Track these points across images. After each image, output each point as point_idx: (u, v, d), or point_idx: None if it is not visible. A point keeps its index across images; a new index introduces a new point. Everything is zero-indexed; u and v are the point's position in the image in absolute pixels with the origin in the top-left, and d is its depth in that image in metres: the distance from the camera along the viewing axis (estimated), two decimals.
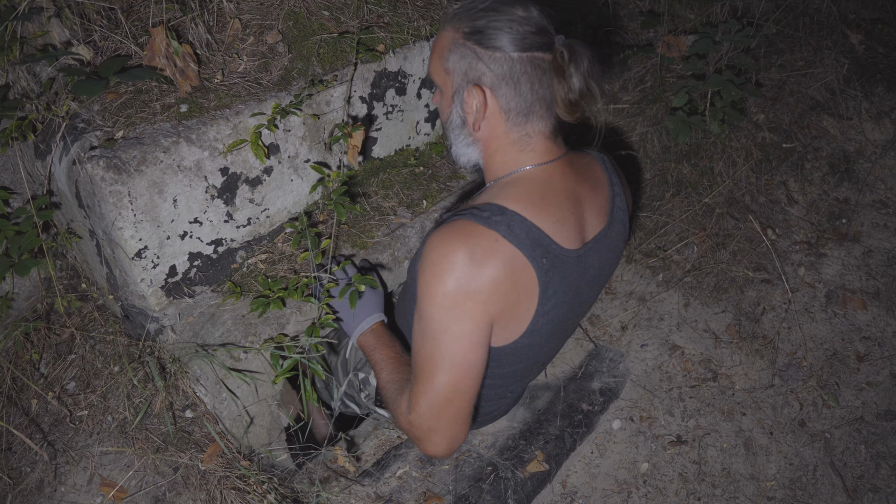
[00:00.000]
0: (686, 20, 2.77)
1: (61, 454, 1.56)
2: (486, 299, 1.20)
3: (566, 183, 1.33)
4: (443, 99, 1.35)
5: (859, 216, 2.48)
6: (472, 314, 1.21)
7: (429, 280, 1.21)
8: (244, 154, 1.58)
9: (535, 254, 1.23)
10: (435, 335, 1.22)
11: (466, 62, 1.25)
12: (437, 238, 1.21)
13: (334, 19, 1.81)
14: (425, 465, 1.75)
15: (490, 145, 1.33)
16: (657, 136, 2.57)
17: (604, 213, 1.41)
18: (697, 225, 2.42)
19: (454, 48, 1.26)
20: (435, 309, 1.21)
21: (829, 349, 2.15)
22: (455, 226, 1.22)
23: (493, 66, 1.23)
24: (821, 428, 1.97)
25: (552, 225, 1.27)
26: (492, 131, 1.30)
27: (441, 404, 1.26)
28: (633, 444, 1.93)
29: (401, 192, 1.94)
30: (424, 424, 1.28)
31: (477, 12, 1.24)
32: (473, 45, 1.24)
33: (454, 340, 1.22)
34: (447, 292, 1.19)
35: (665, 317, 2.26)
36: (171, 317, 1.59)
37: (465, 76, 1.26)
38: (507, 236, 1.20)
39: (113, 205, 1.39)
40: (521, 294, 1.25)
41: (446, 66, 1.28)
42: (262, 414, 1.65)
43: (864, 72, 2.74)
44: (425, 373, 1.25)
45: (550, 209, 1.28)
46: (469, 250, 1.18)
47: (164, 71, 1.53)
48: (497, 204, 1.25)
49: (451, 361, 1.23)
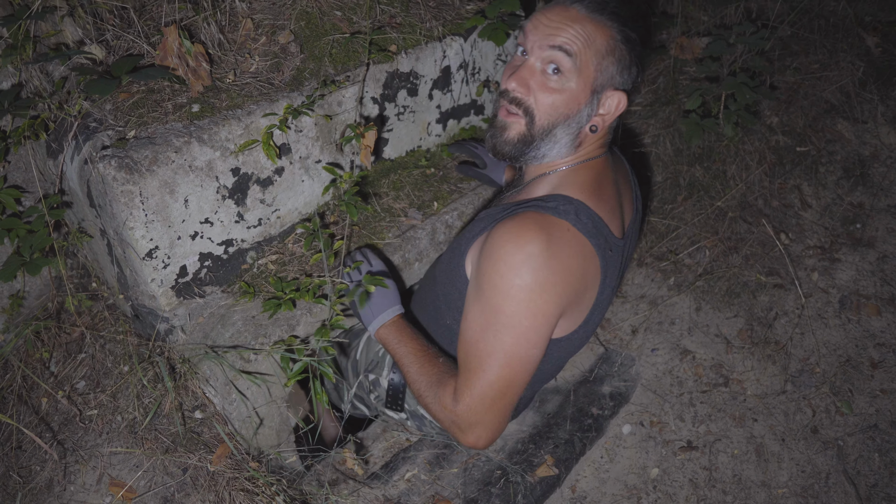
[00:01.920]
0: (699, 22, 2.75)
1: (71, 453, 1.56)
2: (561, 291, 1.19)
3: (611, 173, 1.38)
4: (565, 91, 1.25)
5: (874, 221, 2.46)
6: (545, 308, 1.19)
7: (502, 272, 1.17)
8: (255, 154, 1.57)
9: (599, 242, 1.24)
10: (500, 328, 1.19)
11: (618, 67, 1.26)
12: (508, 230, 1.18)
13: (346, 19, 1.80)
14: (434, 467, 1.74)
15: (584, 141, 1.33)
16: (670, 139, 2.56)
17: (631, 202, 1.46)
18: (710, 229, 2.40)
19: (614, 50, 1.25)
20: (508, 302, 1.18)
21: (843, 355, 2.13)
22: (526, 217, 1.20)
23: (633, 76, 1.29)
24: (834, 435, 1.95)
25: (607, 213, 1.29)
26: (601, 130, 1.33)
27: (493, 398, 1.24)
28: (643, 449, 1.92)
29: (412, 193, 1.93)
30: (472, 417, 1.26)
31: (625, 19, 1.27)
32: (628, 51, 1.26)
33: (521, 335, 1.20)
34: (524, 285, 1.16)
35: (676, 321, 2.24)
36: (181, 317, 1.59)
37: (612, 79, 1.27)
38: (576, 225, 1.21)
39: (124, 204, 1.39)
40: (587, 284, 1.25)
41: (597, 63, 1.24)
42: (272, 415, 1.64)
43: (880, 75, 2.71)
44: (482, 365, 1.23)
45: (606, 198, 1.31)
46: (544, 240, 1.16)
47: (176, 70, 1.53)
48: (562, 194, 1.26)
49: (512, 356, 1.21)
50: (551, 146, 1.30)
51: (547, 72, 1.25)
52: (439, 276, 1.48)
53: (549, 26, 1.24)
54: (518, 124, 1.30)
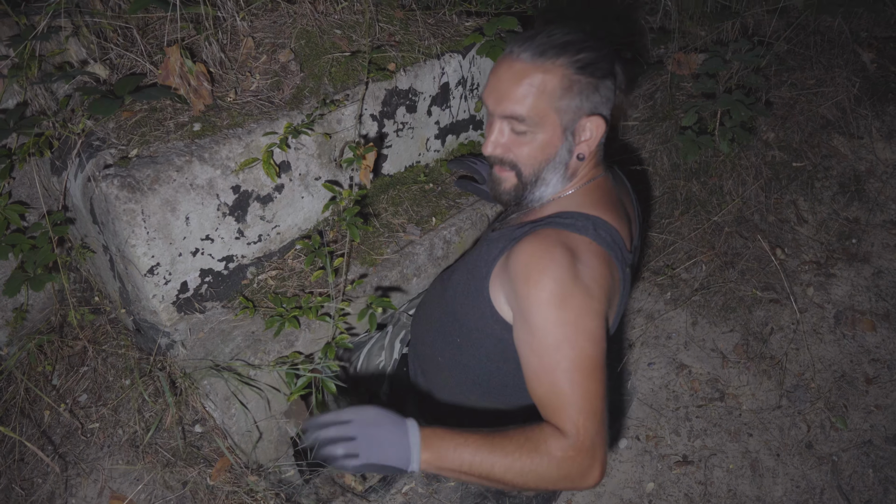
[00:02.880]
0: (697, 38, 2.78)
1: (72, 466, 1.58)
2: (599, 293, 1.18)
3: (618, 189, 1.41)
4: (536, 141, 1.29)
5: (869, 236, 2.48)
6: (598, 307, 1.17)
7: (544, 285, 1.15)
8: (256, 172, 1.60)
9: (617, 255, 1.26)
10: (569, 338, 1.14)
11: (584, 96, 1.26)
12: (534, 249, 1.19)
13: (346, 38, 1.83)
14: (431, 481, 1.76)
15: (579, 169, 1.35)
16: (666, 154, 2.58)
17: (634, 219, 1.49)
18: (706, 243, 2.42)
19: (571, 85, 1.25)
20: (567, 311, 1.14)
21: (838, 371, 2.14)
22: (546, 234, 1.22)
23: (605, 94, 1.29)
24: (828, 450, 1.96)
25: (621, 228, 1.32)
26: (590, 155, 1.34)
27: (602, 412, 1.15)
28: (638, 463, 1.93)
29: (410, 208, 1.95)
30: (591, 438, 1.13)
31: (574, 46, 1.25)
32: (588, 77, 1.25)
33: (591, 336, 1.15)
34: (566, 293, 1.14)
35: (672, 335, 2.26)
36: (181, 332, 1.61)
37: (580, 109, 1.27)
38: (596, 239, 1.23)
39: (126, 223, 1.41)
40: (615, 289, 1.27)
41: (557, 105, 1.26)
42: (271, 429, 1.66)
43: (876, 90, 2.73)
44: (575, 386, 1.13)
45: (617, 213, 1.34)
46: (570, 250, 1.18)
47: (178, 90, 1.56)
48: (577, 211, 1.29)
49: (595, 361, 1.15)
50: (545, 187, 1.34)
51: (514, 131, 1.30)
52: (452, 295, 1.45)
53: (500, 90, 1.27)
54: (510, 178, 1.36)
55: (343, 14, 1.88)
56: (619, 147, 2.67)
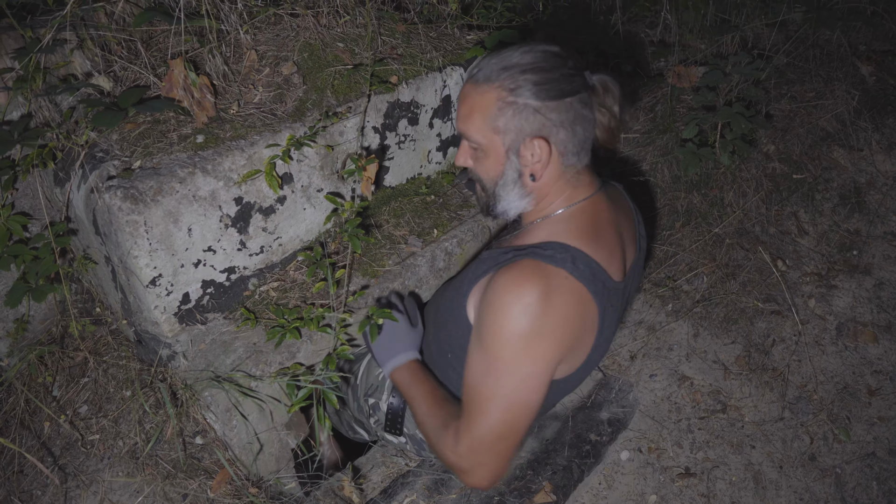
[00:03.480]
0: (696, 51, 2.79)
1: (72, 478, 1.58)
2: (560, 339, 1.22)
3: (609, 214, 1.38)
4: (486, 159, 1.34)
5: (870, 248, 2.48)
6: (544, 356, 1.22)
7: (501, 321, 1.20)
8: (258, 184, 1.60)
9: (596, 288, 1.25)
10: (500, 374, 1.22)
11: (522, 118, 1.26)
12: (506, 279, 1.22)
13: (349, 51, 1.84)
14: (433, 493, 1.75)
15: (544, 190, 1.35)
16: (667, 166, 2.59)
17: (634, 240, 1.46)
18: (707, 255, 2.42)
19: (505, 107, 1.26)
20: (505, 350, 1.21)
21: (840, 383, 2.14)
22: (523, 265, 1.23)
23: (550, 116, 1.26)
24: (831, 463, 1.95)
25: (605, 258, 1.30)
26: (549, 177, 1.33)
27: (493, 441, 1.26)
28: (641, 475, 1.92)
29: (412, 220, 1.96)
30: (473, 458, 1.28)
31: (516, 67, 1.26)
32: (526, 99, 1.25)
33: (520, 382, 1.22)
34: (522, 333, 1.19)
35: (674, 347, 2.25)
36: (183, 343, 1.61)
37: (521, 131, 1.27)
38: (573, 273, 1.22)
39: (129, 234, 1.41)
40: (586, 329, 1.27)
41: (495, 126, 1.28)
42: (272, 441, 1.66)
43: (875, 103, 2.75)
44: (482, 409, 1.26)
45: (604, 242, 1.32)
46: (542, 290, 1.19)
47: (181, 102, 1.57)
48: (558, 242, 1.28)
49: (512, 401, 1.24)
50: (505, 203, 1.38)
51: (471, 148, 1.36)
52: (442, 310, 1.50)
53: (458, 110, 1.36)
54: (478, 189, 1.43)
55: (346, 27, 1.89)
56: (619, 160, 2.68)
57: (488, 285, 1.26)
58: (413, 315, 1.64)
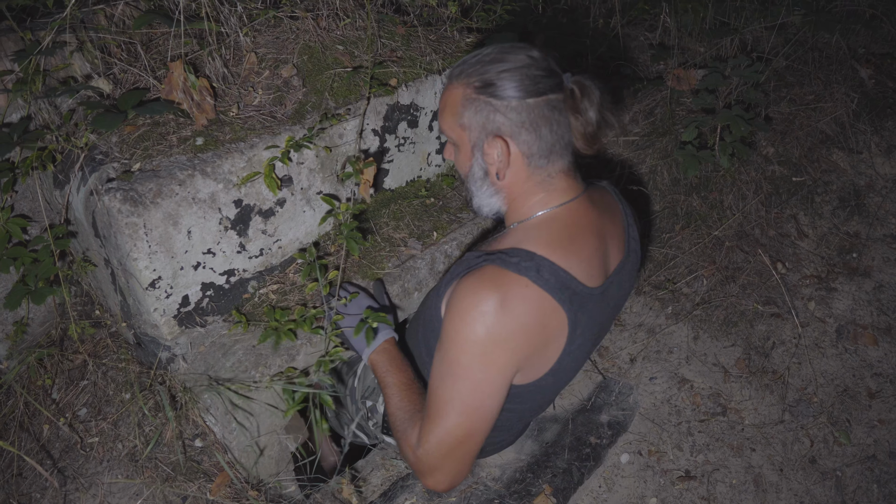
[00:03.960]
0: (696, 54, 2.80)
1: (71, 481, 1.57)
2: (516, 346, 1.22)
3: (590, 219, 1.35)
4: (459, 154, 1.36)
5: (870, 250, 2.48)
6: (498, 362, 1.22)
7: (458, 326, 1.22)
8: (257, 186, 1.60)
9: (563, 296, 1.25)
10: (457, 379, 1.24)
11: (483, 115, 1.26)
12: (467, 285, 1.23)
13: (348, 53, 1.85)
14: (432, 496, 1.74)
15: (514, 191, 1.34)
16: (667, 169, 2.59)
17: (621, 243, 1.44)
18: (707, 258, 2.42)
19: (468, 104, 1.27)
20: (462, 354, 1.22)
21: (840, 385, 2.14)
22: (485, 272, 1.23)
23: (510, 116, 1.25)
24: (832, 465, 1.95)
25: (579, 265, 1.29)
26: (516, 178, 1.32)
27: (451, 445, 1.27)
28: (641, 478, 1.92)
29: (411, 223, 1.96)
30: (431, 461, 1.29)
31: (485, 65, 1.26)
32: (488, 97, 1.25)
33: (476, 386, 1.23)
34: (477, 339, 1.20)
35: (674, 350, 2.25)
36: (182, 346, 1.61)
37: (483, 129, 1.28)
38: (536, 281, 1.22)
39: (128, 236, 1.41)
40: (549, 336, 1.27)
41: (461, 122, 1.30)
42: (271, 444, 1.65)
43: (874, 106, 2.75)
44: (440, 412, 1.27)
45: (577, 249, 1.30)
46: (500, 297, 1.19)
47: (181, 104, 1.57)
48: (525, 249, 1.27)
49: (468, 406, 1.25)
50: (478, 199, 1.39)
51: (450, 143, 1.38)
52: (426, 311, 1.51)
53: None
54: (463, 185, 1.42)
55: (345, 30, 1.90)
56: (619, 162, 2.68)
57: (454, 290, 1.27)
58: (379, 295, 1.67)
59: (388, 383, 1.49)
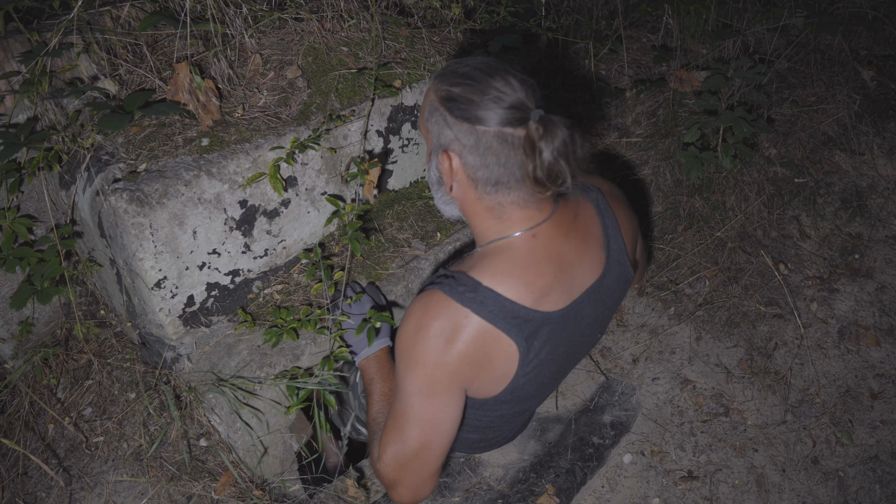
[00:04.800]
0: (698, 55, 2.80)
1: (76, 480, 1.58)
2: (456, 370, 1.24)
3: (550, 247, 1.29)
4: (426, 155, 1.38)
5: (872, 252, 2.48)
6: (441, 382, 1.25)
7: (403, 346, 1.26)
8: (263, 187, 1.61)
9: (509, 325, 1.23)
10: (406, 395, 1.27)
11: (438, 127, 1.25)
12: (417, 307, 1.26)
13: (353, 55, 1.85)
14: (436, 495, 1.75)
15: (466, 207, 1.32)
16: (669, 170, 2.59)
17: (598, 261, 1.37)
18: (709, 259, 2.43)
19: (433, 110, 1.25)
20: (409, 373, 1.26)
21: (843, 386, 2.14)
22: (431, 298, 1.25)
23: (461, 136, 1.21)
24: (834, 466, 1.95)
25: (530, 293, 1.25)
26: (464, 195, 1.29)
27: (408, 457, 1.30)
28: (643, 478, 1.93)
29: (415, 223, 1.97)
30: (390, 474, 1.32)
31: (456, 77, 1.22)
32: (445, 112, 1.22)
33: (425, 401, 1.26)
34: (420, 361, 1.23)
35: (677, 350, 2.26)
36: (187, 346, 1.62)
37: (438, 138, 1.26)
38: (479, 313, 1.22)
39: (134, 236, 1.42)
40: (494, 361, 1.27)
41: (427, 126, 1.29)
42: (276, 444, 1.66)
43: (876, 107, 2.75)
44: (396, 426, 1.30)
45: (530, 278, 1.26)
46: (440, 326, 1.22)
47: (186, 105, 1.58)
48: (473, 279, 1.25)
49: (421, 420, 1.27)
50: (437, 201, 1.39)
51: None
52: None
53: None
54: None
55: (350, 32, 1.90)
56: (622, 164, 2.69)
57: (409, 306, 1.29)
58: (377, 298, 1.68)
59: (371, 391, 1.51)
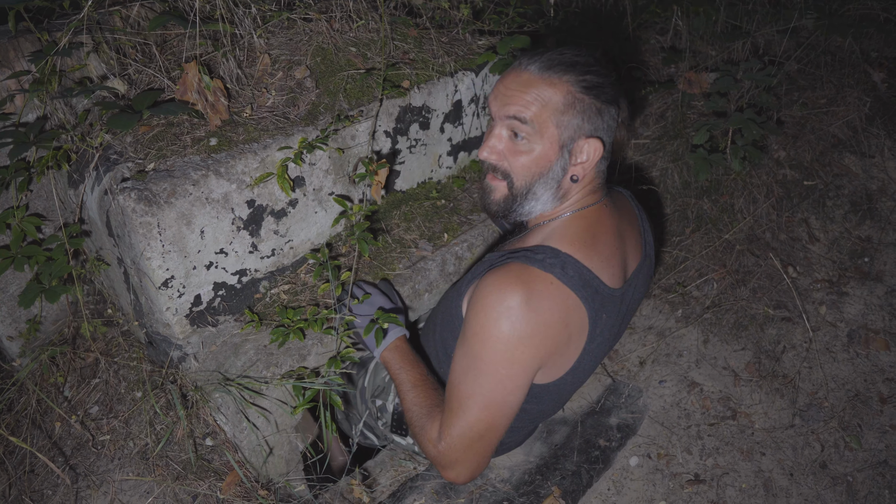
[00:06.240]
0: (707, 57, 2.79)
1: (83, 478, 1.58)
2: (539, 343, 1.23)
3: (612, 221, 1.38)
4: (533, 152, 1.30)
5: (882, 255, 2.47)
6: (522, 359, 1.23)
7: (483, 322, 1.22)
8: (270, 187, 1.61)
9: (586, 294, 1.26)
10: (480, 374, 1.25)
11: (584, 116, 1.28)
12: (492, 281, 1.23)
13: (361, 55, 1.85)
14: (441, 497, 1.75)
15: (570, 192, 1.35)
16: (678, 172, 2.58)
17: (638, 248, 1.46)
18: (717, 261, 2.42)
19: (575, 102, 1.27)
20: (486, 350, 1.23)
21: (852, 390, 2.13)
22: (511, 269, 1.24)
23: (607, 119, 1.30)
24: (843, 471, 1.94)
25: (601, 264, 1.30)
26: (584, 178, 1.34)
27: (472, 439, 1.29)
28: (650, 481, 1.92)
29: (422, 224, 1.96)
30: (452, 455, 1.31)
31: (584, 67, 1.28)
32: (592, 99, 1.27)
33: (499, 383, 1.25)
34: (501, 336, 1.21)
35: (684, 353, 2.25)
36: (194, 345, 1.62)
37: (579, 129, 1.28)
38: (561, 278, 1.23)
39: (142, 235, 1.42)
40: (572, 335, 1.27)
41: (559, 119, 1.27)
42: (281, 444, 1.66)
43: (887, 110, 2.74)
44: (462, 407, 1.28)
45: (600, 248, 1.32)
46: (525, 294, 1.20)
47: (195, 105, 1.58)
48: (550, 246, 1.28)
49: (490, 401, 1.26)
50: (534, 202, 1.35)
51: (513, 137, 1.31)
52: (445, 311, 1.52)
53: (506, 95, 1.30)
54: (501, 187, 1.37)
55: (358, 32, 1.90)
56: (630, 165, 2.68)
57: (477, 285, 1.27)
58: (390, 294, 1.68)
59: (402, 380, 1.50)
